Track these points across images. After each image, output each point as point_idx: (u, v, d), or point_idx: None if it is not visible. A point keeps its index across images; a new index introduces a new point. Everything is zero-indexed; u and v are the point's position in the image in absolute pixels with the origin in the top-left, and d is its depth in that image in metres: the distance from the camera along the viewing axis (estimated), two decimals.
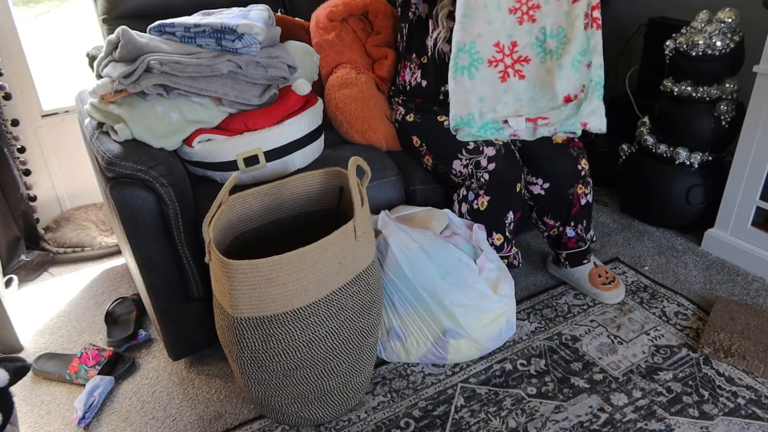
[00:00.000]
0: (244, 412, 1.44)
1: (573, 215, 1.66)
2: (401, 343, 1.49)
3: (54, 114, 2.21)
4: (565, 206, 1.64)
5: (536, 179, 1.62)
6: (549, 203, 1.64)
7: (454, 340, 1.45)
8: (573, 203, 1.64)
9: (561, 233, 1.70)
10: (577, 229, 1.68)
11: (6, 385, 1.21)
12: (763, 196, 1.77)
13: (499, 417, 1.37)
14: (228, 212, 1.32)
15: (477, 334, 1.45)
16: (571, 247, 1.72)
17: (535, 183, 1.63)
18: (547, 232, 1.73)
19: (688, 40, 1.85)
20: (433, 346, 1.47)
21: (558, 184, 1.61)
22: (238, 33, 1.39)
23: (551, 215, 1.67)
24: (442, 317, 1.42)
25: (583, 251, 1.73)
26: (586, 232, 1.71)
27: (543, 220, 1.69)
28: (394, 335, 1.49)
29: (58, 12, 2.62)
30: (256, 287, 1.14)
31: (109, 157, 1.32)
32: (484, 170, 1.52)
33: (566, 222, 1.67)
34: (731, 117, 1.86)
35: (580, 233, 1.69)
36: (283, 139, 1.47)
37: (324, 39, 1.77)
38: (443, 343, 1.46)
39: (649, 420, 1.34)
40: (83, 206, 2.32)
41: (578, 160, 1.61)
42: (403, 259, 1.41)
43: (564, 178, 1.60)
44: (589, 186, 1.65)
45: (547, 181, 1.61)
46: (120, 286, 1.97)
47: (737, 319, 1.58)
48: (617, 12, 2.67)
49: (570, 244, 1.71)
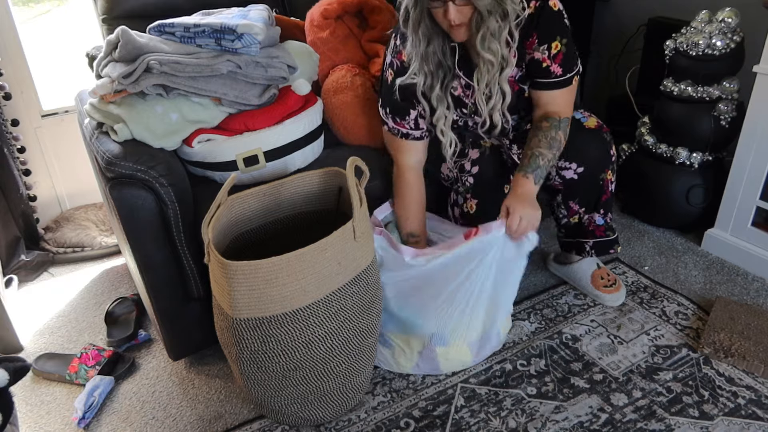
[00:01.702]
0: (244, 412, 1.44)
1: (603, 202, 1.60)
2: (390, 351, 1.49)
3: (54, 114, 2.21)
4: (595, 192, 1.58)
5: (569, 164, 1.55)
6: (579, 188, 1.58)
7: (441, 348, 1.45)
8: (604, 189, 1.58)
9: (586, 221, 1.64)
10: (606, 218, 1.63)
11: (6, 385, 1.21)
12: (763, 196, 1.77)
13: (499, 417, 1.37)
14: (227, 212, 1.32)
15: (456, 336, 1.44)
16: (599, 236, 1.65)
17: (568, 168, 1.55)
18: (566, 219, 1.66)
19: (688, 40, 1.85)
20: (420, 356, 1.46)
21: (592, 168, 1.54)
22: (238, 33, 1.39)
23: (579, 200, 1.60)
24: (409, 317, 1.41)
25: (611, 240, 1.66)
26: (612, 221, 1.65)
27: (567, 204, 1.62)
28: (382, 341, 1.49)
29: (58, 12, 2.62)
30: (255, 288, 1.14)
31: (108, 157, 1.32)
32: (469, 174, 1.50)
33: (594, 208, 1.62)
34: (731, 117, 1.86)
35: (609, 222, 1.64)
36: (282, 139, 1.47)
37: (318, 37, 1.75)
38: (431, 353, 1.45)
39: (649, 420, 1.34)
40: (83, 206, 2.32)
41: (610, 144, 1.55)
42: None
43: (597, 162, 1.54)
44: (614, 175, 1.60)
45: (582, 165, 1.54)
46: (120, 286, 1.97)
47: (737, 319, 1.58)
48: (617, 12, 2.67)
49: (598, 232, 1.65)
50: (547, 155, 1.40)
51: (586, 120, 1.56)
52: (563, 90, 1.44)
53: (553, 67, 1.40)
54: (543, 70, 1.40)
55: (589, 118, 1.57)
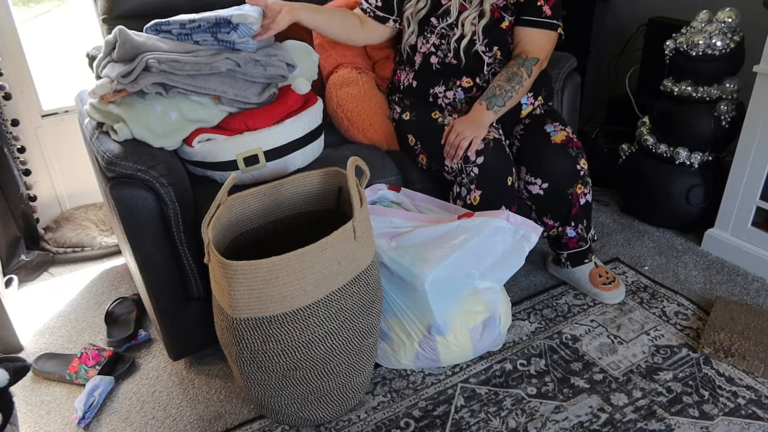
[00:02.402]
0: (244, 412, 1.44)
1: (573, 215, 1.65)
2: (389, 344, 1.49)
3: (54, 114, 2.21)
4: (564, 206, 1.64)
5: (535, 179, 1.61)
6: (548, 203, 1.64)
7: (441, 337, 1.45)
8: (572, 203, 1.63)
9: (561, 233, 1.70)
10: (577, 229, 1.68)
11: (6, 385, 1.21)
12: (763, 196, 1.77)
13: (499, 417, 1.37)
14: (227, 212, 1.32)
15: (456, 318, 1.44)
16: (572, 247, 1.71)
17: (534, 183, 1.62)
18: (547, 232, 1.72)
19: (688, 40, 1.85)
20: (420, 346, 1.47)
21: (557, 183, 1.60)
22: (233, 23, 1.39)
23: (550, 215, 1.66)
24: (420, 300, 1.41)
25: (584, 251, 1.72)
26: (586, 231, 1.70)
27: (542, 220, 1.69)
28: (381, 334, 1.49)
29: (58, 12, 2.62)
30: (255, 288, 1.14)
31: (109, 157, 1.32)
32: (474, 164, 1.52)
33: (566, 222, 1.67)
34: (731, 117, 1.86)
35: (581, 233, 1.69)
36: (283, 138, 1.47)
37: (326, 39, 1.78)
38: (431, 342, 1.46)
39: (649, 420, 1.34)
40: (83, 206, 2.32)
41: (577, 159, 1.60)
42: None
43: (563, 178, 1.60)
44: (588, 186, 1.65)
45: (546, 181, 1.60)
46: (120, 286, 1.97)
47: (737, 319, 1.58)
48: (617, 12, 2.67)
49: (571, 244, 1.71)
50: (505, 86, 1.55)
51: (555, 134, 1.61)
52: (545, 32, 1.60)
53: (545, 7, 1.57)
54: (536, 7, 1.57)
55: (560, 131, 1.62)
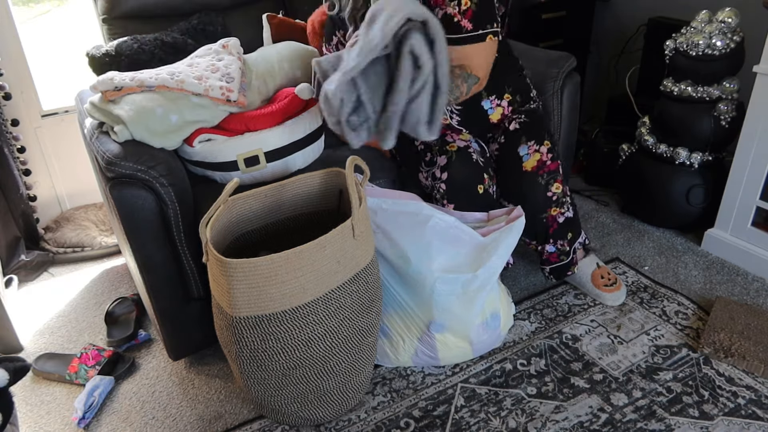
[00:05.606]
0: (244, 412, 1.44)
1: (551, 234, 1.63)
2: (388, 342, 1.49)
3: (54, 114, 2.21)
4: (540, 229, 1.62)
5: (507, 204, 1.61)
6: (524, 226, 1.59)
7: (440, 335, 1.45)
8: (548, 224, 1.61)
9: (541, 251, 1.68)
10: (557, 245, 1.65)
11: (6, 385, 1.21)
12: (763, 196, 1.77)
13: (499, 417, 1.37)
14: (228, 213, 1.32)
15: (459, 320, 1.43)
16: (554, 261, 1.69)
17: (508, 205, 1.60)
18: (529, 246, 1.70)
19: (688, 40, 1.85)
20: (420, 342, 1.47)
21: (530, 210, 1.56)
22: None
23: (527, 236, 1.63)
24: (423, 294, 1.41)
25: (566, 264, 1.70)
26: (570, 244, 1.67)
27: (522, 239, 1.63)
28: (381, 331, 1.49)
29: (58, 12, 2.62)
30: (255, 286, 1.14)
31: (109, 157, 1.32)
32: (440, 181, 1.51)
33: (545, 240, 1.65)
34: (731, 117, 1.86)
35: (561, 248, 1.66)
36: (283, 139, 1.47)
37: (319, 44, 1.78)
38: (430, 339, 1.46)
39: (649, 420, 1.34)
40: (83, 206, 2.32)
41: (548, 187, 1.57)
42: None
43: (534, 206, 1.57)
44: (567, 204, 1.62)
45: (519, 206, 1.57)
46: (120, 286, 1.97)
47: (737, 319, 1.58)
48: (617, 12, 2.67)
49: (552, 258, 1.68)
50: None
51: (527, 158, 1.56)
52: (473, 46, 1.45)
53: (463, 21, 1.43)
54: (453, 24, 1.43)
55: (533, 154, 1.56)
